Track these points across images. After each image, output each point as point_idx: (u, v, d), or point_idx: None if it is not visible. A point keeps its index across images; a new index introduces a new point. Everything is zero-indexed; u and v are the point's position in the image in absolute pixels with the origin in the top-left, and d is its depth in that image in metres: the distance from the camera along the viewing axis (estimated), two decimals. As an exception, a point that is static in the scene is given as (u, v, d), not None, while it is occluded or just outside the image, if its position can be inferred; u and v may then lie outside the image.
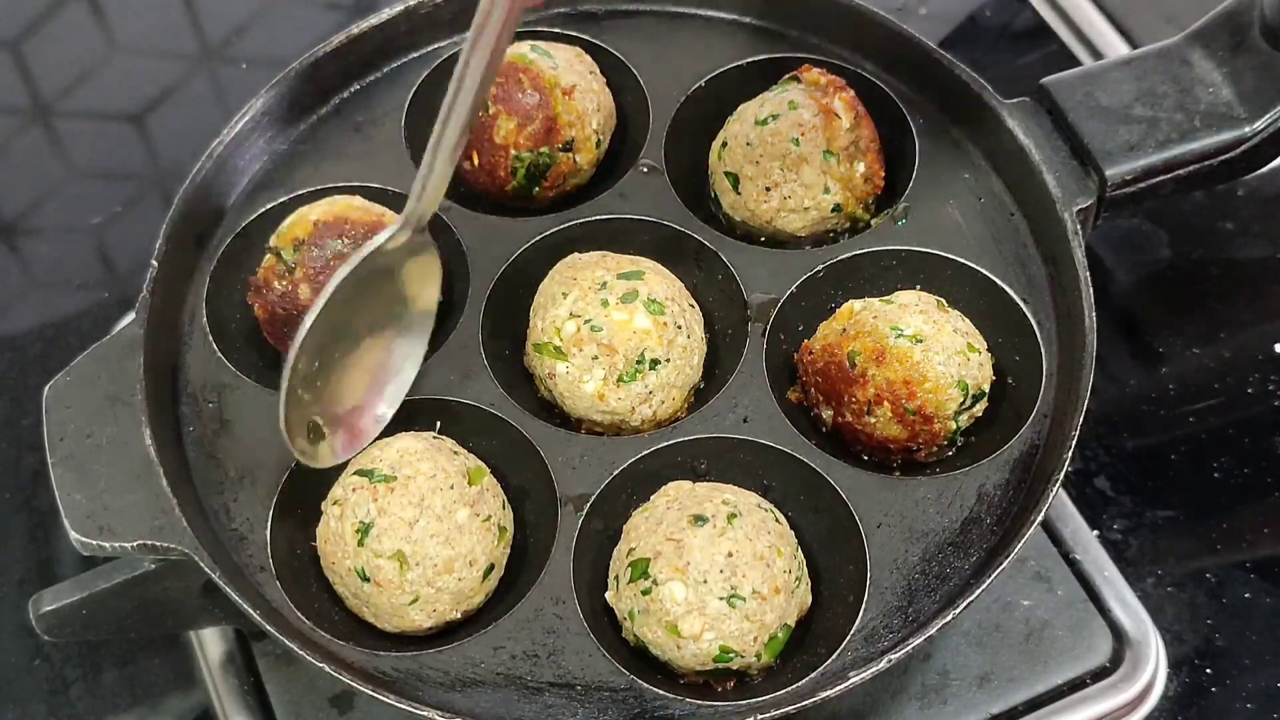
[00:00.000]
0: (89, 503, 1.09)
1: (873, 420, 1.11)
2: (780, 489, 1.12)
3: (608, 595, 1.08)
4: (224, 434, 1.15)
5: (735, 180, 1.22)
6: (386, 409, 1.13)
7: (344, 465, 1.11)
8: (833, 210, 1.21)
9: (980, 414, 1.13)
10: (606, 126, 1.26)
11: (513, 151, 1.21)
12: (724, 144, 1.24)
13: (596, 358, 1.13)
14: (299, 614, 1.08)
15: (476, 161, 1.23)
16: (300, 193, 1.24)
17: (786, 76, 1.24)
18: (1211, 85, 1.23)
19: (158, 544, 1.07)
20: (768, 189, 1.20)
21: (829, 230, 1.22)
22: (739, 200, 1.22)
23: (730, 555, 1.03)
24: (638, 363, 1.12)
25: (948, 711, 1.20)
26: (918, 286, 1.18)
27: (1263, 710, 1.22)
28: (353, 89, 1.31)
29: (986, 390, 1.13)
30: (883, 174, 1.23)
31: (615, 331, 1.12)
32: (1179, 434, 1.36)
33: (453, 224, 1.22)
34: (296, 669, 1.23)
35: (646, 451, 1.13)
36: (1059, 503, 1.30)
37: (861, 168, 1.21)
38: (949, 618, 1.03)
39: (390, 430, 1.13)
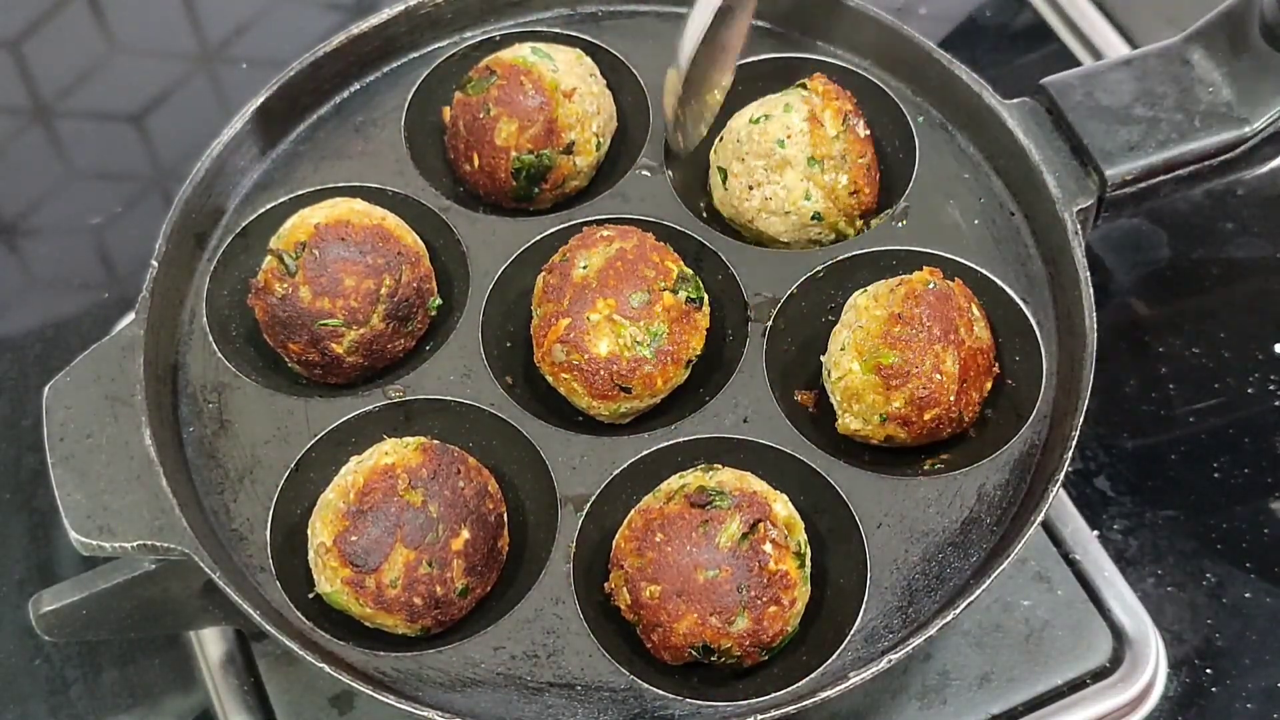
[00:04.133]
0: (89, 503, 1.09)
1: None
2: (780, 489, 1.12)
3: None
4: (224, 434, 1.15)
5: (724, 175, 1.22)
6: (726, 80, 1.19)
7: (341, 461, 1.11)
8: (812, 218, 1.20)
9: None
10: (607, 129, 1.26)
11: (513, 154, 1.21)
12: (720, 139, 1.24)
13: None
14: (299, 614, 1.08)
15: (477, 163, 1.23)
16: (300, 193, 1.24)
17: (797, 83, 1.24)
18: (1211, 85, 1.23)
19: (158, 544, 1.07)
20: (750, 187, 1.20)
21: (811, 239, 1.22)
22: (725, 196, 1.22)
23: None
24: None
25: (948, 711, 1.20)
26: (917, 286, 1.18)
27: (1263, 710, 1.22)
28: (353, 89, 1.31)
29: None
30: (872, 190, 1.21)
31: None
32: (1179, 434, 1.36)
33: (453, 225, 1.22)
34: (296, 669, 1.23)
35: (646, 451, 1.13)
36: (1059, 503, 1.30)
37: (845, 180, 1.19)
38: (949, 618, 1.03)
39: (390, 430, 1.13)
